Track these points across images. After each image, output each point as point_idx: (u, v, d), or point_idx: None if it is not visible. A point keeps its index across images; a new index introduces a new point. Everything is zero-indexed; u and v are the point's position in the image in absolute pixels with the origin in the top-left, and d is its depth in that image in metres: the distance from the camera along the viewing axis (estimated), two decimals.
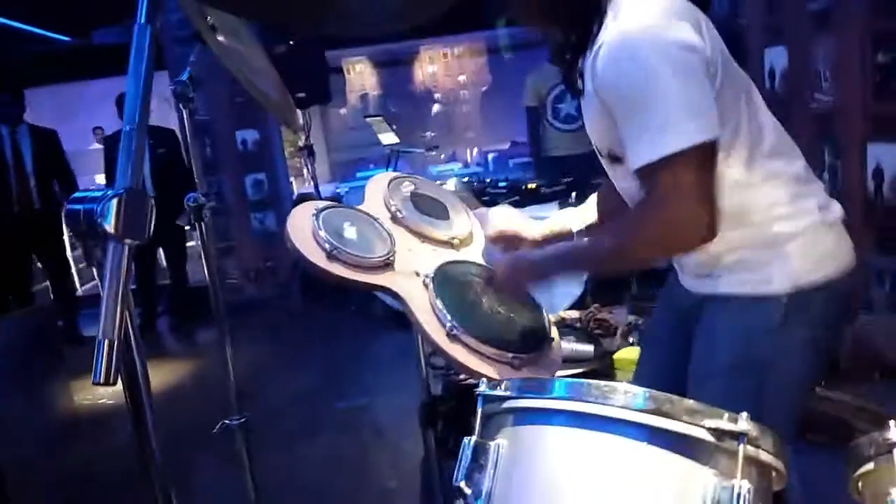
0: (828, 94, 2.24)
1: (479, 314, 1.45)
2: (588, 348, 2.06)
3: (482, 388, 0.71)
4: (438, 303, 1.41)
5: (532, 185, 3.42)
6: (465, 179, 3.85)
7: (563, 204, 3.18)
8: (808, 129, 2.36)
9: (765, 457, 0.59)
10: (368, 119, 4.43)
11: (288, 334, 4.77)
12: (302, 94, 4.92)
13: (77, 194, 0.57)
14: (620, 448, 0.56)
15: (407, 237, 1.61)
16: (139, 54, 0.58)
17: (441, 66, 10.95)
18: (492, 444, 0.64)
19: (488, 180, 3.74)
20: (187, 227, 4.65)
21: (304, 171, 5.99)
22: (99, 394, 3.79)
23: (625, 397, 0.58)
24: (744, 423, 0.57)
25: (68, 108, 8.38)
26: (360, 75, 11.74)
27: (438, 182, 3.97)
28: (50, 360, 3.96)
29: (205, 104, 5.09)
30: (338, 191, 6.32)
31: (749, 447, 0.56)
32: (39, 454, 2.54)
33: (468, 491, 0.62)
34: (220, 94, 5.07)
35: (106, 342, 0.53)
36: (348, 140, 10.48)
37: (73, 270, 6.60)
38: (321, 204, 1.53)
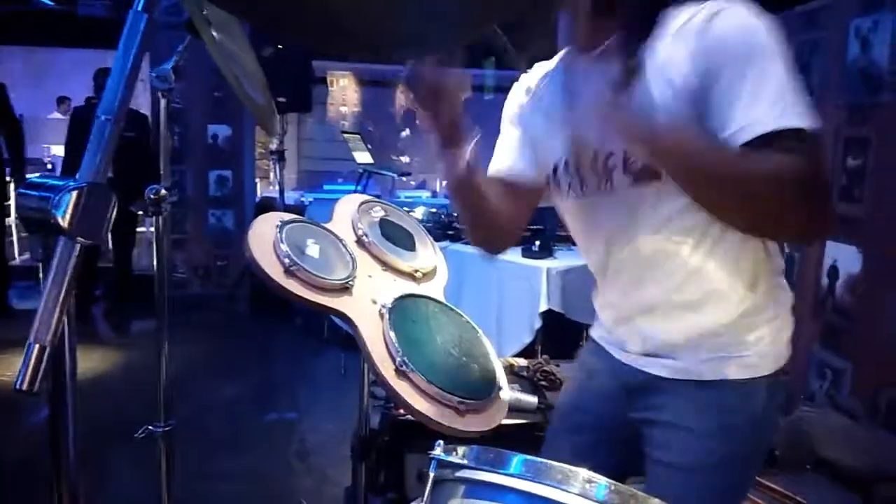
0: None
1: (431, 353, 1.41)
2: (532, 399, 2.04)
3: (437, 451, 0.68)
4: (392, 335, 1.37)
5: None
6: (434, 210, 3.84)
7: (526, 251, 3.18)
8: None
9: None
10: (346, 135, 4.40)
11: (228, 338, 4.64)
12: (283, 99, 4.87)
13: (35, 178, 0.52)
14: None
15: (370, 263, 1.57)
16: (129, 42, 0.54)
17: None
18: None
19: (455, 214, 3.74)
20: (140, 213, 4.51)
21: (272, 174, 5.90)
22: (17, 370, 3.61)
23: (585, 486, 0.55)
24: None
25: (39, 73, 8.13)
26: (343, 90, 11.74)
27: (406, 209, 3.96)
28: None
29: (181, 93, 4.98)
30: (302, 199, 6.23)
31: None
32: None
33: None
34: (200, 85, 4.98)
35: (36, 347, 0.48)
36: (321, 151, 10.42)
37: (14, 238, 6.33)
38: (287, 216, 1.49)
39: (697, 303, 1.08)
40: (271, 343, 4.53)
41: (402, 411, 1.94)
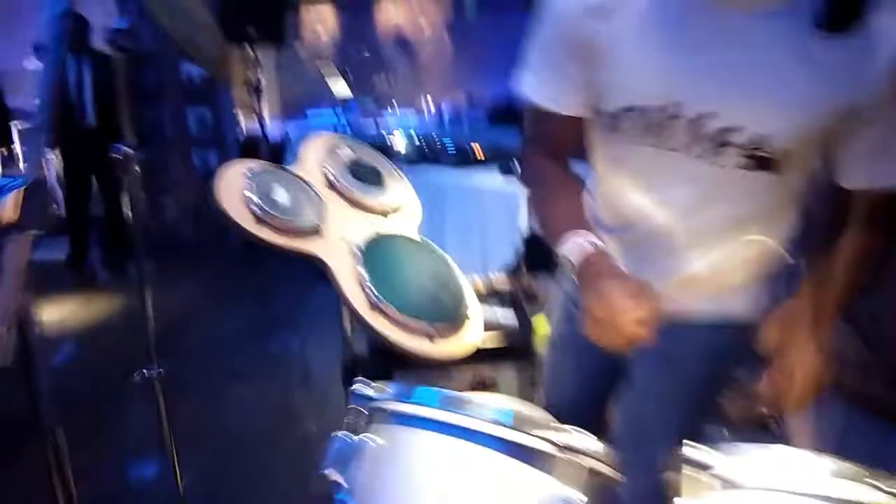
0: None
1: (402, 287, 1.50)
2: (509, 317, 2.15)
3: (358, 387, 0.76)
4: (365, 274, 1.45)
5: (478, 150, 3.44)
6: (412, 133, 3.84)
7: (503, 167, 3.20)
8: None
9: (607, 470, 0.66)
10: (318, 64, 4.33)
11: (226, 276, 4.73)
12: (252, 29, 4.75)
13: None
14: (479, 457, 0.62)
15: (340, 203, 1.63)
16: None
17: (407, 12, 10.68)
18: (366, 439, 0.70)
19: (436, 138, 3.74)
20: (119, 154, 4.52)
21: (254, 109, 5.84)
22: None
23: (488, 412, 0.64)
24: (587, 440, 0.65)
25: (6, 21, 7.85)
26: (320, 13, 11.37)
27: (388, 135, 3.95)
28: None
29: (150, 33, 4.88)
30: (287, 131, 6.20)
31: (589, 460, 0.63)
32: None
33: (338, 480, 0.67)
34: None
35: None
36: (302, 76, 10.20)
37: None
38: (255, 164, 1.53)
39: (728, 270, 1.07)
40: (269, 277, 4.62)
41: None
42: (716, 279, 1.08)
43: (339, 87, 4.03)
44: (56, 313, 3.96)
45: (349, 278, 1.45)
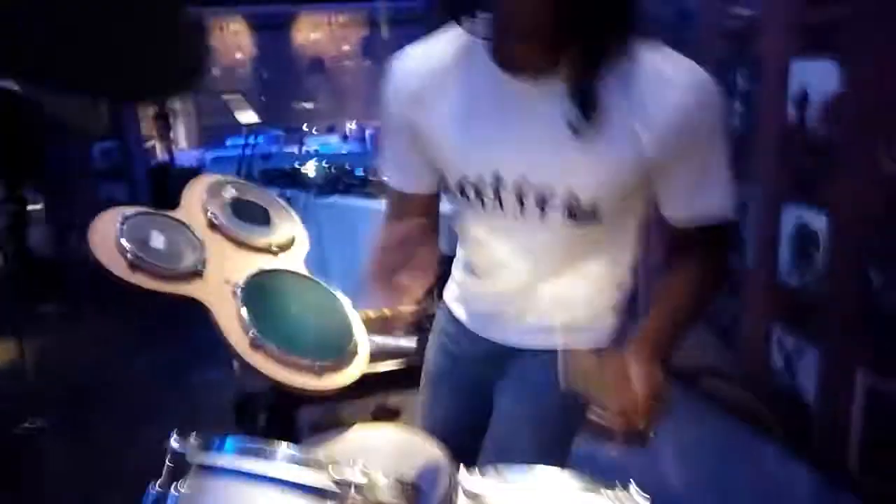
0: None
1: (284, 323, 1.52)
2: (411, 343, 2.18)
3: (172, 442, 0.79)
4: (244, 312, 1.47)
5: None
6: (325, 165, 3.86)
7: None
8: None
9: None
10: (225, 97, 4.31)
11: (138, 310, 4.59)
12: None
13: None
14: (268, 498, 0.69)
15: (222, 244, 1.64)
16: None
17: (324, 33, 10.72)
18: (172, 492, 0.74)
19: (347, 167, 3.76)
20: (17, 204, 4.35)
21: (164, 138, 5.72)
22: None
23: (280, 455, 0.69)
24: (358, 475, 0.71)
25: None
26: (235, 35, 11.26)
27: (298, 164, 3.95)
28: None
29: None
30: (205, 156, 6.10)
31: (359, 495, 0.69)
32: None
33: None
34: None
35: None
36: (219, 104, 10.08)
37: None
38: (129, 210, 1.53)
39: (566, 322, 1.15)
40: (183, 309, 4.51)
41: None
42: (565, 315, 1.17)
43: (246, 116, 4.02)
44: None
45: (230, 318, 1.46)
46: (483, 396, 1.32)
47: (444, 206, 1.25)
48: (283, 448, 0.71)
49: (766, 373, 1.85)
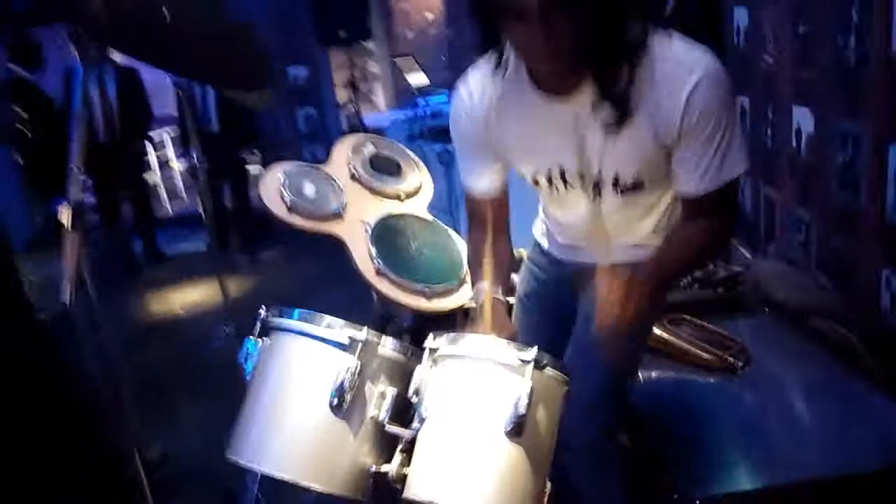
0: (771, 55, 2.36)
1: (402, 256, 1.87)
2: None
3: (261, 311, 1.15)
4: (372, 247, 1.84)
5: None
6: None
7: None
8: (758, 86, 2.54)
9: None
10: (396, 59, 4.73)
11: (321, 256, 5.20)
12: (343, 34, 5.23)
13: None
14: (316, 350, 1.04)
15: (360, 192, 2.02)
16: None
17: None
18: (261, 341, 1.13)
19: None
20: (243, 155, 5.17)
21: (351, 105, 6.34)
22: (170, 307, 4.46)
23: (326, 319, 1.06)
24: (363, 332, 1.05)
25: None
26: None
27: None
28: (127, 276, 4.66)
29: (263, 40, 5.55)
30: (392, 119, 6.64)
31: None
32: (120, 355, 3.15)
33: (245, 366, 1.11)
34: (270, 33, 5.51)
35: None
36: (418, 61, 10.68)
37: (162, 193, 7.39)
38: (289, 165, 1.96)
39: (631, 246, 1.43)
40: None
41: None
42: (624, 244, 1.44)
43: (416, 78, 4.40)
44: (201, 295, 4.68)
45: (362, 251, 1.84)
46: (564, 312, 1.53)
47: None
48: (325, 317, 1.06)
49: (876, 313, 1.84)
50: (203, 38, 1.23)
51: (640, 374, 1.89)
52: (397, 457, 1.02)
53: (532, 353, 0.95)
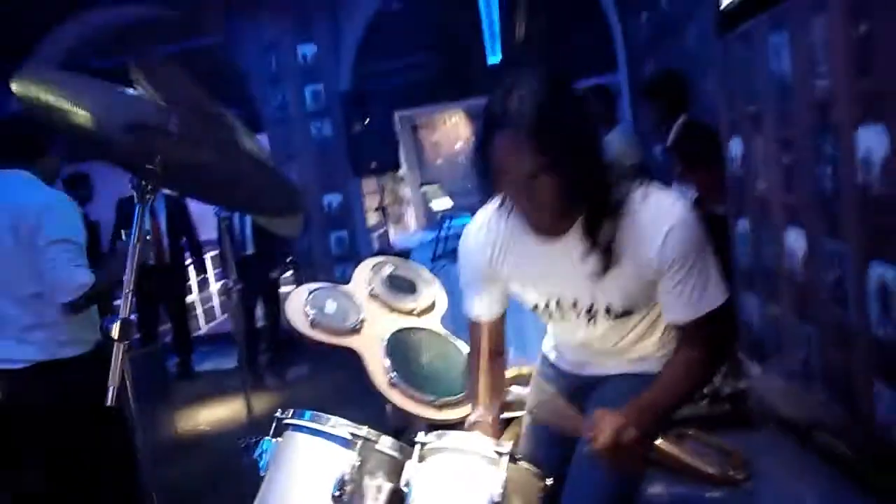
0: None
1: (414, 369, 2.00)
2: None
3: (277, 414, 1.28)
4: (386, 360, 1.97)
5: None
6: None
7: None
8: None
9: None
10: (424, 188, 5.07)
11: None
12: (374, 164, 5.64)
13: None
14: (321, 447, 1.16)
15: (378, 308, 2.19)
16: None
17: None
18: (276, 440, 1.25)
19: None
20: (275, 276, 5.44)
21: (385, 228, 6.69)
22: (198, 422, 4.58)
23: (332, 420, 1.20)
24: (363, 430, 1.16)
25: None
26: (455, 127, 12.58)
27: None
28: (161, 392, 4.82)
29: (298, 173, 6.01)
30: (419, 241, 6.94)
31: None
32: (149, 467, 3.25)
33: (260, 463, 1.23)
34: (309, 165, 5.97)
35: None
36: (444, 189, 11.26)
37: (199, 311, 7.70)
38: (314, 286, 2.15)
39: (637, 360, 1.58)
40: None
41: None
42: (623, 361, 1.58)
43: (440, 203, 4.70)
44: (226, 413, 4.80)
45: (376, 363, 1.98)
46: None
47: None
48: (332, 417, 1.19)
49: (871, 426, 1.88)
50: (243, 177, 1.44)
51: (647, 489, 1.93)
52: None
53: (507, 447, 1.06)
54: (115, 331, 1.17)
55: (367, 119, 5.36)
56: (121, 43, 6.81)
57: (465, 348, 2.16)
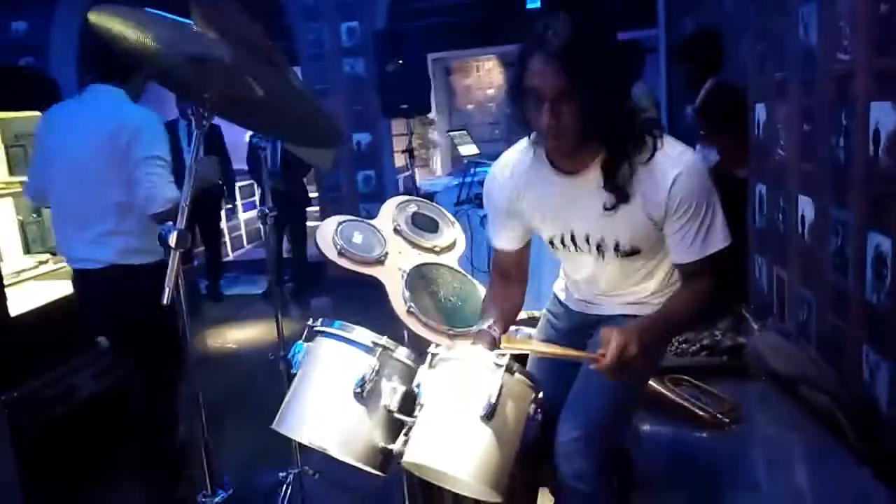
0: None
1: (431, 300, 2.15)
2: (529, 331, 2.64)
3: (310, 322, 1.45)
4: (405, 290, 2.13)
5: None
6: None
7: None
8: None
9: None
10: (451, 133, 5.13)
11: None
12: (405, 106, 5.71)
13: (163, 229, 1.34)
14: (347, 351, 1.34)
15: (401, 244, 2.33)
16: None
17: None
18: (307, 344, 1.42)
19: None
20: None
21: (410, 170, 6.79)
22: (226, 340, 4.84)
23: (357, 329, 1.39)
24: (383, 339, 1.34)
25: None
26: (489, 73, 12.49)
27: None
28: (191, 311, 5.08)
29: (329, 110, 6.10)
30: (445, 185, 7.04)
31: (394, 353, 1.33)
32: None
33: (293, 362, 1.41)
34: (340, 102, 6.05)
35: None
36: (473, 135, 11.27)
37: (226, 239, 7.95)
38: (343, 218, 2.29)
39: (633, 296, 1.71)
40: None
41: None
42: (629, 300, 1.71)
43: (467, 149, 4.78)
44: (253, 334, 5.05)
45: (396, 293, 2.13)
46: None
47: None
48: (356, 327, 1.37)
49: (859, 388, 2.01)
50: (289, 109, 1.57)
51: (639, 427, 2.09)
52: (401, 438, 1.29)
53: (505, 359, 1.22)
54: (172, 240, 1.33)
55: (400, 60, 5.38)
56: None
57: (479, 286, 2.31)
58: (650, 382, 2.18)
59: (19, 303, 2.64)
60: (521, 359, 2.41)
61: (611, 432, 1.65)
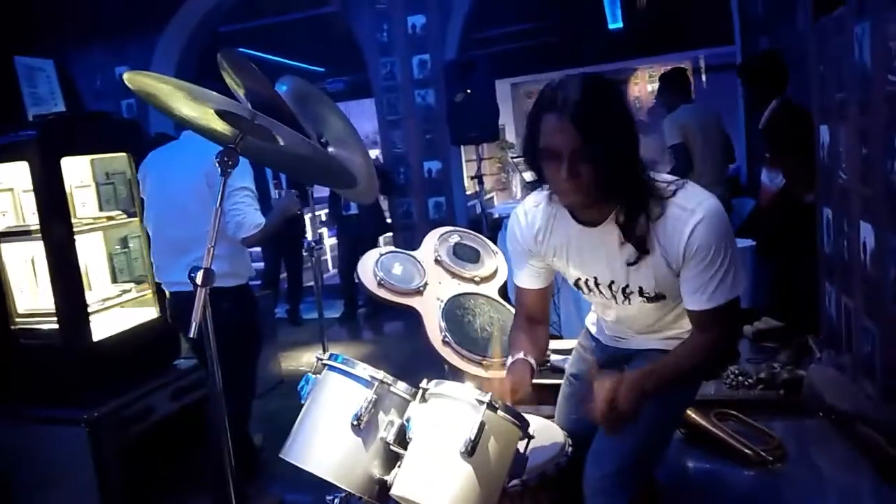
0: None
1: (466, 330, 2.19)
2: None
3: (319, 354, 1.52)
4: (441, 320, 2.18)
5: None
6: None
7: None
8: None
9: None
10: (511, 157, 5.16)
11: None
12: (474, 134, 5.81)
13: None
14: (348, 385, 1.40)
15: (441, 274, 2.39)
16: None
17: (643, 86, 11.27)
18: (314, 376, 1.49)
19: None
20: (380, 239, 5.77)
21: (480, 197, 6.84)
22: (301, 363, 5.04)
23: (359, 365, 1.43)
24: (381, 374, 1.37)
25: None
26: None
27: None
28: (267, 334, 5.34)
29: (402, 140, 6.30)
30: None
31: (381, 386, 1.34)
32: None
33: (302, 393, 1.48)
34: (412, 131, 6.22)
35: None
36: None
37: (310, 264, 8.27)
38: (385, 250, 2.38)
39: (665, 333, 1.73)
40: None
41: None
42: (656, 337, 1.73)
43: (530, 174, 4.80)
44: None
45: (433, 323, 2.19)
46: None
47: None
48: (359, 363, 1.44)
49: None
50: (304, 158, 1.69)
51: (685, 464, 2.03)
52: (395, 470, 1.34)
53: (487, 396, 1.25)
54: (199, 278, 1.45)
55: (468, 90, 5.48)
56: (252, 9, 7.33)
57: None
58: (695, 417, 2.11)
59: (104, 328, 2.89)
60: (551, 395, 2.40)
61: (642, 469, 1.63)
